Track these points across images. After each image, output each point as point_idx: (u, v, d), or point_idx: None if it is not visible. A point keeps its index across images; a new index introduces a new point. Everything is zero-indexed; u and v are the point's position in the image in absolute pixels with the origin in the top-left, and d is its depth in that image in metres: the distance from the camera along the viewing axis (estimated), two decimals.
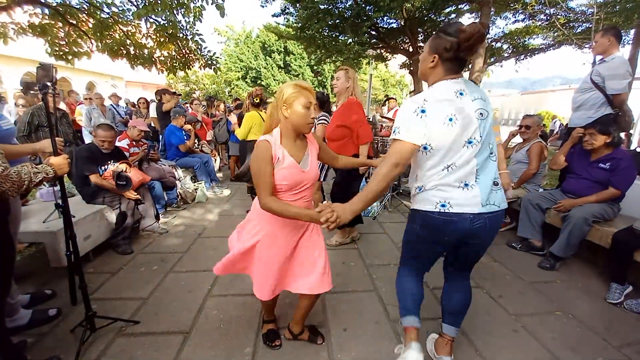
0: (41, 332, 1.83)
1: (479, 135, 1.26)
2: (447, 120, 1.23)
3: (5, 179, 1.18)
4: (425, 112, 1.23)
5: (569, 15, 8.40)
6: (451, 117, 1.23)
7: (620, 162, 2.50)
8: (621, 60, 2.75)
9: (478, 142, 1.27)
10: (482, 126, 1.27)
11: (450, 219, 1.29)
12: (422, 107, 1.24)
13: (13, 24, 4.27)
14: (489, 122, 1.30)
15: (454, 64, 1.29)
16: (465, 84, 1.30)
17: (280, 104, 1.38)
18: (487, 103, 1.32)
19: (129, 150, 3.66)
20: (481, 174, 1.29)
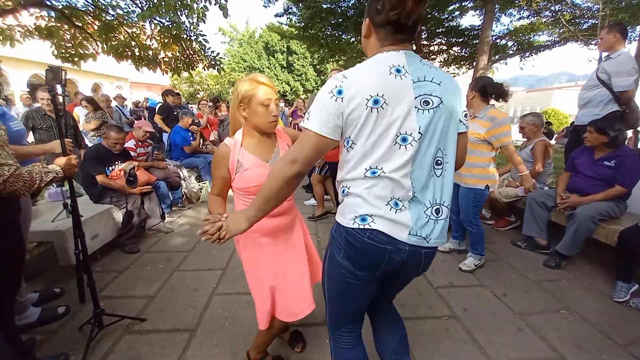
0: (50, 330, 1.87)
1: (417, 132, 0.90)
2: (370, 104, 0.87)
3: (17, 179, 1.21)
4: (342, 92, 0.88)
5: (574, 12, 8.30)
6: (377, 99, 0.87)
7: (625, 159, 2.47)
8: (627, 56, 2.73)
9: (415, 141, 0.90)
10: (425, 119, 0.91)
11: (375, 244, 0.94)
12: (340, 87, 0.89)
13: (20, 26, 4.33)
14: (442, 117, 0.93)
15: (389, 30, 0.94)
16: (408, 59, 0.93)
17: (236, 103, 1.25)
18: (445, 90, 0.94)
19: (136, 151, 3.71)
20: (419, 191, 0.94)
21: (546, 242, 2.94)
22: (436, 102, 0.93)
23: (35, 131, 3.80)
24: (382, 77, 0.89)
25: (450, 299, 2.24)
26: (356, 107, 0.88)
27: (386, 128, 0.90)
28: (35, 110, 3.87)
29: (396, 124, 0.89)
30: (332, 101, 0.89)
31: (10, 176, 1.18)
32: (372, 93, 0.87)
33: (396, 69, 0.91)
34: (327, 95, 0.90)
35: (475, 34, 10.18)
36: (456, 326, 1.96)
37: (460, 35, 10.71)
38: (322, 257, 1.34)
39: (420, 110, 0.91)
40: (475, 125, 2.41)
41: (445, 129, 0.96)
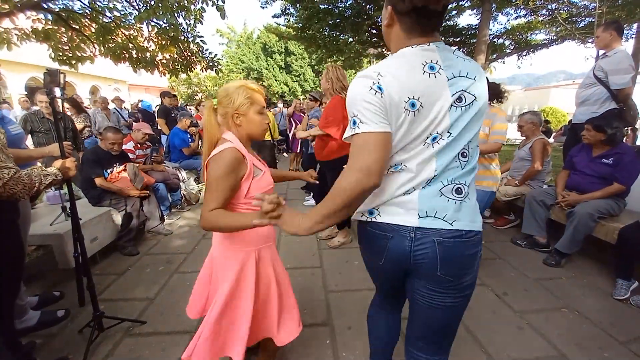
0: (50, 333, 1.86)
1: (446, 131, 0.86)
2: (407, 106, 0.83)
3: (17, 182, 1.20)
4: (382, 89, 0.82)
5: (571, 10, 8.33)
6: (414, 102, 0.83)
7: (623, 157, 2.48)
8: (624, 54, 2.73)
9: (446, 139, 0.87)
10: (455, 117, 0.86)
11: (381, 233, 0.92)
12: (378, 84, 0.82)
13: (16, 29, 4.32)
14: (472, 110, 0.88)
15: (414, 18, 0.85)
16: (440, 54, 0.87)
17: (231, 111, 1.20)
18: (475, 81, 0.88)
19: (135, 153, 3.70)
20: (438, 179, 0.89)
21: (546, 240, 2.94)
22: (470, 99, 0.87)
23: (34, 134, 3.79)
24: (416, 77, 0.83)
25: None
26: (396, 107, 0.83)
27: (421, 131, 0.86)
28: (33, 113, 3.86)
29: (430, 127, 0.85)
30: (375, 97, 0.82)
31: (10, 179, 1.18)
32: (409, 95, 0.83)
33: (430, 66, 0.85)
34: (369, 94, 0.82)
35: (472, 33, 10.21)
36: None
37: (457, 35, 10.74)
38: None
39: (454, 108, 0.86)
40: None
41: (473, 123, 0.90)
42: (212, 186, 1.12)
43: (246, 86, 1.22)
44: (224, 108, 1.22)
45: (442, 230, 0.87)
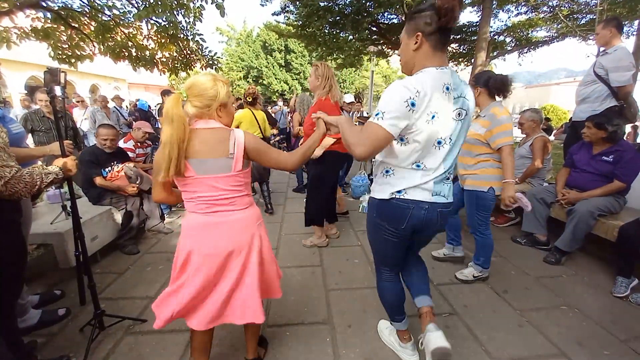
0: (51, 332, 1.87)
1: (449, 138, 1.22)
2: (429, 118, 1.16)
3: (18, 180, 1.20)
4: (415, 105, 1.13)
5: (572, 7, 8.30)
6: (434, 115, 1.16)
7: (623, 154, 2.48)
8: (624, 51, 2.72)
9: (447, 144, 1.23)
10: (457, 127, 1.24)
11: (406, 205, 1.30)
12: (413, 99, 1.12)
13: (16, 28, 4.31)
14: (465, 123, 1.26)
15: (439, 37, 1.18)
16: (452, 78, 1.21)
17: (216, 104, 1.25)
18: (468, 101, 1.26)
19: (135, 151, 3.70)
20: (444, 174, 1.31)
21: (546, 238, 2.94)
22: (464, 113, 1.24)
23: (34, 133, 3.79)
24: (440, 96, 1.16)
25: (451, 296, 2.24)
26: (421, 119, 1.16)
27: (433, 136, 1.20)
28: (34, 112, 3.86)
29: (439, 133, 1.20)
30: (406, 110, 1.13)
31: (11, 178, 1.18)
32: (432, 110, 1.15)
33: (446, 87, 1.18)
34: (403, 105, 1.12)
35: (473, 31, 10.17)
36: (457, 323, 1.96)
37: (458, 32, 10.70)
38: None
39: (456, 122, 1.22)
40: (477, 125, 2.19)
41: (463, 131, 1.28)
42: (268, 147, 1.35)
43: (223, 82, 1.29)
44: (207, 100, 1.24)
45: (442, 204, 1.34)
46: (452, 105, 1.19)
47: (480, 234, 2.34)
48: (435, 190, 1.29)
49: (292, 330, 1.89)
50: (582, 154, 2.75)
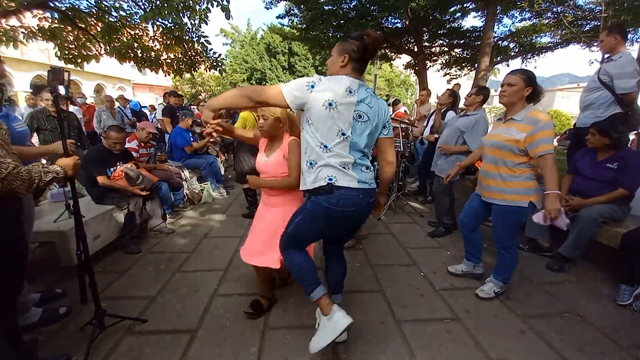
0: (52, 330, 1.87)
1: (349, 133, 1.41)
2: (327, 104, 1.36)
3: (15, 177, 1.21)
4: (314, 87, 1.38)
5: (577, 13, 8.27)
6: (331, 102, 1.36)
7: (628, 161, 2.46)
8: (629, 58, 2.72)
9: (348, 138, 1.41)
10: (356, 127, 1.42)
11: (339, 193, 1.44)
12: (313, 83, 1.39)
13: (23, 28, 4.36)
14: (367, 128, 1.45)
15: (359, 64, 1.48)
16: (360, 88, 1.43)
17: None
18: (376, 112, 1.48)
19: (138, 151, 3.72)
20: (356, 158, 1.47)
21: (549, 245, 2.92)
22: (365, 118, 1.45)
23: (40, 132, 3.82)
24: (341, 93, 1.38)
25: (452, 301, 2.23)
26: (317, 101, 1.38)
27: (333, 123, 1.39)
28: (40, 111, 3.89)
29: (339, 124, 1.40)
30: (304, 88, 1.39)
31: (8, 174, 1.18)
32: (329, 98, 1.37)
33: (349, 90, 1.40)
34: (303, 83, 1.40)
35: (477, 36, 10.16)
36: (458, 329, 1.95)
37: (461, 37, 10.69)
38: None
39: (354, 122, 1.42)
40: (512, 130, 1.96)
41: (367, 137, 1.48)
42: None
43: None
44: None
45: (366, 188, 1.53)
46: (355, 105, 1.40)
47: (509, 251, 2.14)
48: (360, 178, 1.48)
49: (291, 334, 1.89)
50: (586, 160, 2.74)
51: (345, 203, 1.45)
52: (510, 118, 2.02)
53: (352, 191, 1.45)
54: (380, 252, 3.00)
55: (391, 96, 9.71)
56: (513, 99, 1.98)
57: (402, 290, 2.37)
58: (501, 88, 2.04)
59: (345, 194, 1.44)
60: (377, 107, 1.49)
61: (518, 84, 1.95)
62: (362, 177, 1.48)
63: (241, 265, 2.70)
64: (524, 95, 1.96)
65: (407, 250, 3.03)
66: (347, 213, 1.48)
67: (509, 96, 1.99)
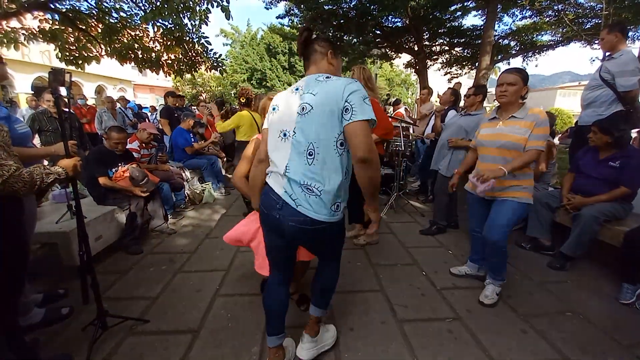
0: (54, 331, 1.88)
1: (292, 130, 1.25)
2: (271, 110, 1.38)
3: (17, 179, 1.21)
4: (274, 109, 1.39)
5: (577, 11, 8.25)
6: (274, 107, 1.36)
7: (630, 160, 2.45)
8: (630, 56, 2.71)
9: (290, 136, 1.25)
10: (300, 121, 1.23)
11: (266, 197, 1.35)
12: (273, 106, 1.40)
13: (24, 29, 4.37)
14: (308, 118, 1.21)
15: (303, 58, 1.42)
16: (306, 81, 1.30)
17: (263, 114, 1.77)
18: (320, 96, 1.20)
19: (140, 152, 3.73)
20: (291, 172, 1.24)
21: (550, 243, 2.92)
22: (308, 108, 1.22)
23: (42, 133, 3.83)
24: (285, 95, 1.36)
25: (454, 301, 2.23)
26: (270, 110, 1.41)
27: (275, 125, 1.34)
28: (41, 112, 3.91)
29: (281, 124, 1.30)
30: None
31: (9, 176, 1.19)
32: (274, 104, 1.39)
33: (295, 89, 1.32)
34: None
35: (477, 34, 10.15)
36: (460, 328, 1.95)
37: (462, 36, 10.69)
38: None
39: (298, 115, 1.24)
40: (516, 128, 1.98)
41: (314, 127, 1.20)
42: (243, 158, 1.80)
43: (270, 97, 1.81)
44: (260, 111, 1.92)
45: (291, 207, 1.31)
46: (299, 99, 1.27)
47: (504, 247, 2.11)
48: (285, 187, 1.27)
49: (293, 333, 1.89)
50: (588, 158, 2.73)
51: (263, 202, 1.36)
52: (512, 116, 2.03)
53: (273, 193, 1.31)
54: (381, 252, 2.99)
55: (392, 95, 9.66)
56: (513, 98, 2.00)
57: (403, 289, 2.37)
58: (500, 88, 2.02)
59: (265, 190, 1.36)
60: (323, 90, 1.22)
61: (518, 84, 1.98)
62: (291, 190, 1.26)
63: (243, 265, 2.71)
64: (522, 94, 2.00)
65: (409, 250, 3.03)
66: (269, 218, 1.33)
67: (510, 96, 1.99)
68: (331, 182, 1.22)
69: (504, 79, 2.00)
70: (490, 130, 2.14)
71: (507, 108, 2.06)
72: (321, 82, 1.24)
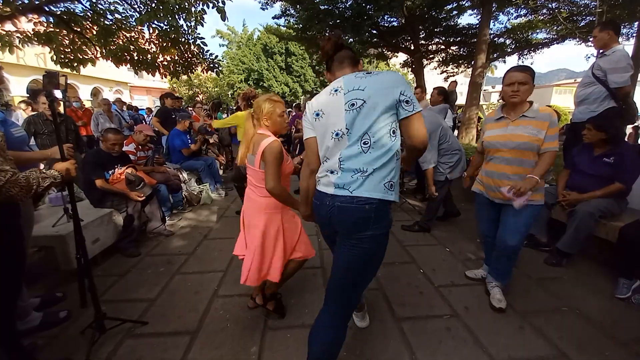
0: (52, 334, 1.87)
1: (344, 127, 1.25)
2: (314, 116, 1.37)
3: (13, 184, 1.21)
4: (306, 112, 1.43)
5: (572, 9, 8.30)
6: (317, 113, 1.35)
7: (624, 156, 2.47)
8: (622, 53, 2.74)
9: (344, 134, 1.26)
10: (350, 117, 1.24)
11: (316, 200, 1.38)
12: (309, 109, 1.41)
13: (18, 32, 4.35)
14: (362, 111, 1.22)
15: (329, 62, 1.46)
16: (344, 81, 1.30)
17: (261, 117, 1.75)
18: (370, 90, 1.23)
19: (136, 154, 3.72)
20: (346, 163, 1.26)
21: (547, 240, 2.94)
22: (359, 102, 1.24)
23: (38, 136, 3.81)
24: (324, 98, 1.36)
25: (452, 298, 2.24)
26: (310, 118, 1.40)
27: (324, 129, 1.33)
28: (37, 115, 3.89)
29: (331, 126, 1.30)
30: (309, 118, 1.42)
31: (6, 182, 1.19)
32: (315, 109, 1.37)
33: (334, 90, 1.32)
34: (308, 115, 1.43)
35: (473, 33, 10.20)
36: (457, 325, 1.96)
37: (458, 34, 10.73)
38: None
39: (347, 112, 1.26)
40: (530, 128, 1.89)
41: (364, 119, 1.23)
42: (273, 165, 1.62)
43: (270, 98, 1.77)
44: (256, 114, 1.78)
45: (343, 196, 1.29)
46: (344, 98, 1.27)
47: (517, 252, 2.09)
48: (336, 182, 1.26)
49: (292, 333, 1.89)
50: (582, 155, 2.75)
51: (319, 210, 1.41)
52: (522, 115, 1.93)
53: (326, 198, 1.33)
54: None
55: None
56: (525, 97, 1.90)
57: (401, 288, 2.38)
58: (510, 87, 1.88)
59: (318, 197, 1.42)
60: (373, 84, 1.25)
61: (528, 82, 1.87)
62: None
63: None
64: (531, 92, 1.92)
65: (406, 248, 3.04)
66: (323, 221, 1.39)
67: (522, 95, 1.88)
68: (387, 166, 1.24)
69: (514, 77, 1.88)
70: (500, 131, 2.02)
71: (515, 107, 1.96)
72: (364, 78, 1.27)
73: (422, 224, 3.45)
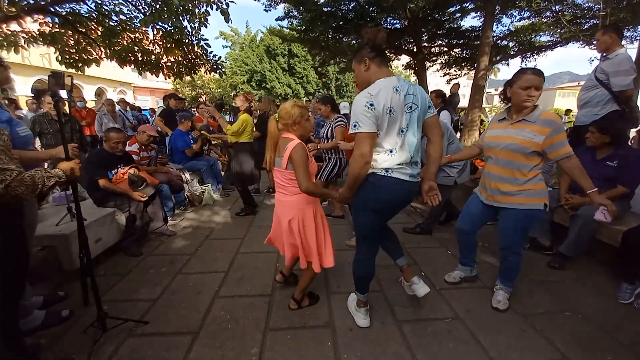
0: (54, 333, 1.88)
1: (405, 126, 1.55)
2: (388, 112, 1.50)
3: (19, 183, 1.22)
4: (373, 105, 1.49)
5: (575, 12, 8.28)
6: (390, 109, 1.50)
7: (628, 159, 2.46)
8: (624, 56, 2.73)
9: (406, 131, 1.57)
10: (409, 117, 1.56)
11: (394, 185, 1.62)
12: (370, 101, 1.49)
13: (24, 32, 4.39)
14: (415, 114, 1.58)
15: (379, 57, 1.61)
16: (399, 81, 1.55)
17: (290, 122, 1.83)
18: (418, 97, 1.58)
19: (139, 154, 3.73)
20: (415, 156, 1.63)
21: (549, 243, 2.92)
22: (414, 106, 1.58)
23: (42, 136, 3.85)
24: (391, 96, 1.50)
25: (453, 300, 2.23)
26: (380, 112, 1.50)
27: (394, 125, 1.54)
28: (42, 115, 3.92)
29: (399, 124, 1.55)
30: (368, 111, 1.49)
31: (12, 181, 1.20)
32: (388, 106, 1.50)
33: (395, 89, 1.51)
34: (364, 109, 1.49)
35: (476, 35, 10.17)
36: (459, 327, 1.95)
37: (461, 37, 10.70)
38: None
39: (407, 114, 1.55)
40: (527, 131, 1.86)
41: (415, 120, 1.60)
42: (302, 166, 1.74)
43: (298, 105, 1.86)
44: (284, 120, 1.84)
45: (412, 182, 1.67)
46: (404, 100, 1.53)
47: (517, 254, 2.08)
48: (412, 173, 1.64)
49: (293, 334, 1.90)
50: (585, 158, 2.72)
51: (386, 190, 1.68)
52: (523, 119, 1.89)
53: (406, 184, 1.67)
54: (381, 253, 2.98)
55: None
56: (536, 101, 1.86)
57: (403, 290, 2.36)
58: (527, 92, 1.81)
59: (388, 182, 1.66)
60: (418, 92, 1.61)
61: (542, 87, 1.83)
62: None
63: (242, 266, 2.72)
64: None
65: (408, 250, 3.04)
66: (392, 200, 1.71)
67: (536, 100, 1.84)
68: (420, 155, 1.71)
69: (532, 81, 1.80)
70: (498, 132, 2.03)
71: (520, 110, 1.91)
72: (412, 86, 1.60)
73: (424, 226, 3.45)
